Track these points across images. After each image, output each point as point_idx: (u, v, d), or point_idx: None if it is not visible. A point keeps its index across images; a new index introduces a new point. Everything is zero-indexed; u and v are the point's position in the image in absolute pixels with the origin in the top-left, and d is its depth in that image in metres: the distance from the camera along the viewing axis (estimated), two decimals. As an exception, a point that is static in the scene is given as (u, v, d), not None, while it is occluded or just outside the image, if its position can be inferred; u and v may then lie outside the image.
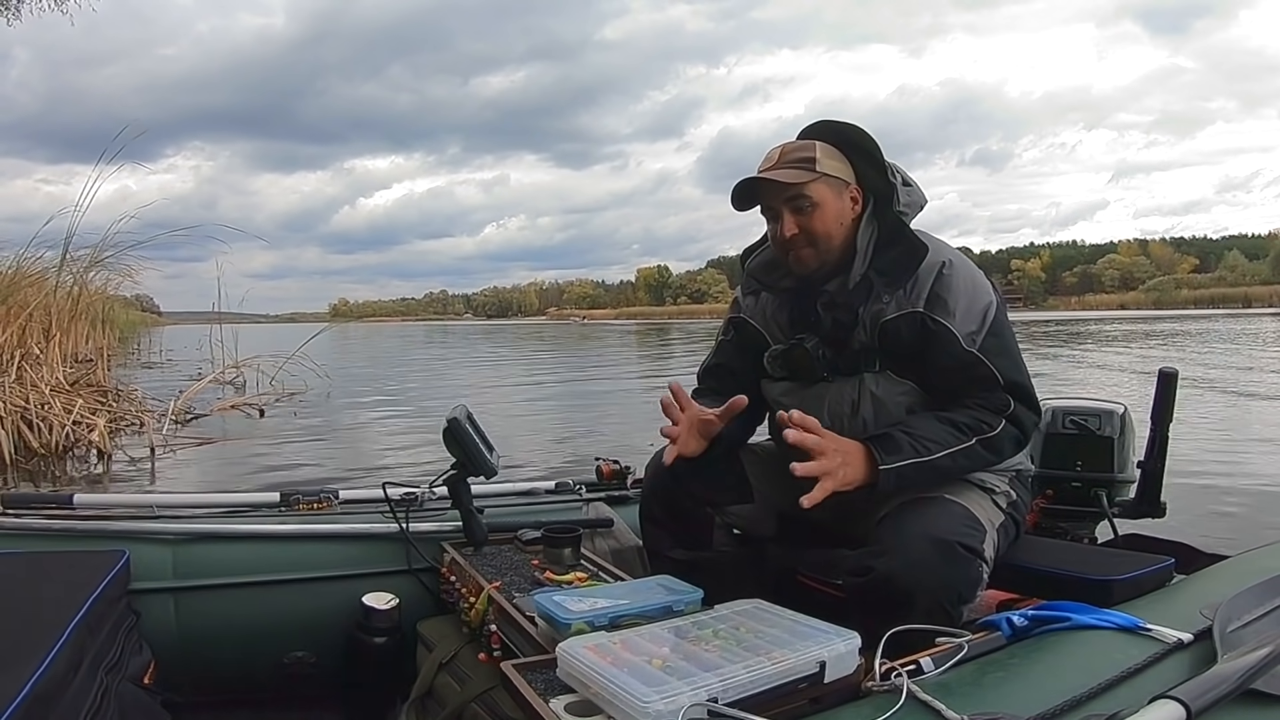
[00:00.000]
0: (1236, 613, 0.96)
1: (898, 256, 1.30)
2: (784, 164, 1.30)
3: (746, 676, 0.83)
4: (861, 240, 1.32)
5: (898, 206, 1.31)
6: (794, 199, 1.29)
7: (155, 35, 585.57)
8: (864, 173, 1.33)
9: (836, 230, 1.31)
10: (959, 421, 1.24)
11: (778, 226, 1.32)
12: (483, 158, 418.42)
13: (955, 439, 1.23)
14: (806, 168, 1.29)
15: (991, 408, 1.25)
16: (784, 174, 1.29)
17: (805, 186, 1.28)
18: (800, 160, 1.30)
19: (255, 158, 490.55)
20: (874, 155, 1.32)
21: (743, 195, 1.33)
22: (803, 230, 1.29)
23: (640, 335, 35.88)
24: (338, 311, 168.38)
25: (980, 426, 1.24)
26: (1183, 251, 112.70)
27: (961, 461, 1.23)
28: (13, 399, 5.35)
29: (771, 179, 1.29)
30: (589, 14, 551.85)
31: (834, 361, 1.34)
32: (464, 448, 1.50)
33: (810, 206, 1.29)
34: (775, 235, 1.34)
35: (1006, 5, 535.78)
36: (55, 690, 0.97)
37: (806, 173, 1.29)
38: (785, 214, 1.30)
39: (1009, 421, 1.25)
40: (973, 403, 1.26)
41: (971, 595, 1.15)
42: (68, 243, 7.33)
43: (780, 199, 1.30)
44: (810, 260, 1.32)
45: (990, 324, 1.27)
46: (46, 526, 1.46)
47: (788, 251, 1.32)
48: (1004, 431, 1.25)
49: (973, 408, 1.26)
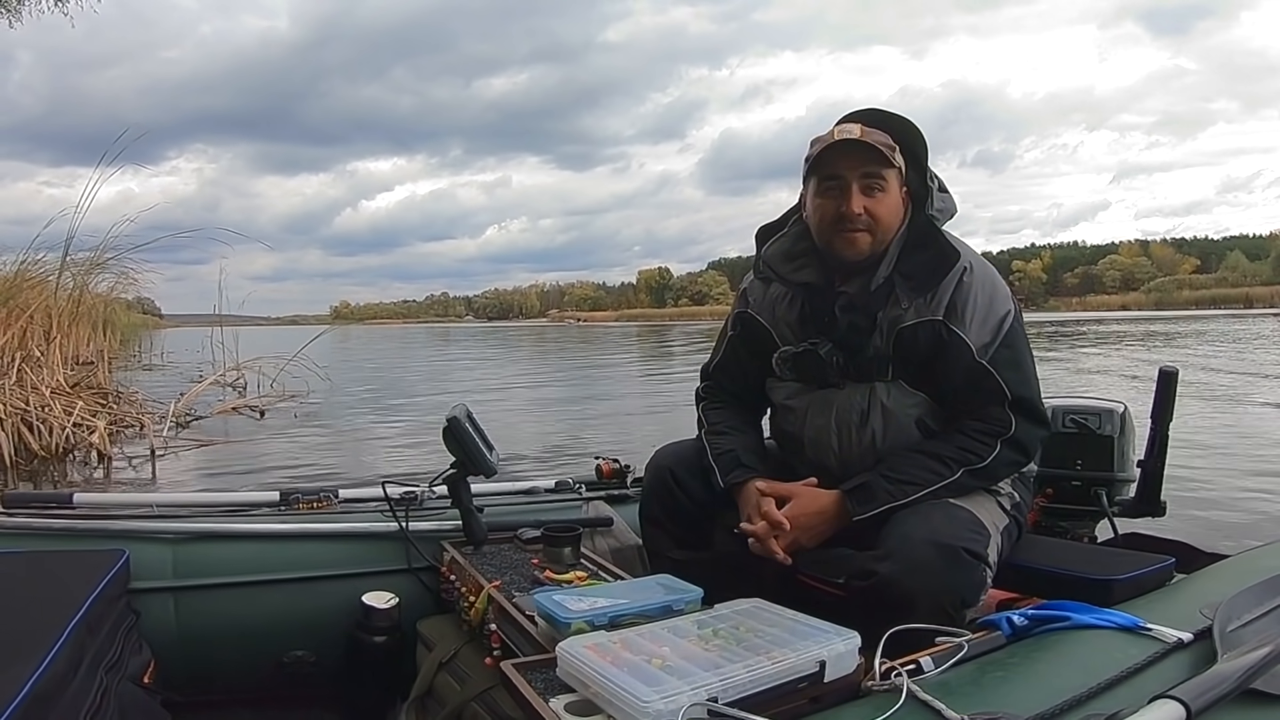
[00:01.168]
0: (1236, 612, 0.96)
1: (927, 261, 1.26)
2: (866, 140, 1.24)
3: (746, 676, 0.83)
4: (894, 241, 1.28)
5: (931, 210, 1.29)
6: (870, 176, 1.24)
7: (158, 38, 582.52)
8: (906, 173, 1.29)
9: (894, 223, 1.27)
10: (944, 455, 1.23)
11: (839, 202, 1.25)
12: (485, 160, 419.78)
13: (938, 476, 1.22)
14: (887, 152, 1.24)
15: (989, 430, 1.24)
16: (877, 140, 1.23)
17: (885, 169, 1.25)
18: (882, 143, 1.24)
19: (258, 160, 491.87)
20: (919, 156, 1.29)
21: (819, 161, 1.26)
22: (868, 212, 1.24)
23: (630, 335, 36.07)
24: (339, 314, 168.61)
25: (967, 458, 1.23)
26: (1184, 252, 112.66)
27: (945, 495, 1.22)
28: (13, 401, 5.35)
29: (867, 143, 1.22)
30: (592, 16, 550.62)
31: (846, 368, 1.31)
32: (464, 447, 1.50)
33: (881, 190, 1.25)
34: (832, 211, 1.26)
35: (1009, 7, 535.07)
36: (55, 689, 0.96)
37: (888, 156, 1.25)
38: (855, 190, 1.24)
39: (1006, 445, 1.24)
40: (969, 426, 1.25)
41: (975, 599, 1.14)
42: (68, 245, 7.35)
43: (857, 172, 1.24)
44: (864, 246, 1.26)
45: (1004, 335, 1.25)
46: (46, 526, 1.46)
47: (840, 231, 1.26)
48: (996, 459, 1.23)
49: (967, 433, 1.25)
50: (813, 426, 1.35)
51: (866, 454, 1.31)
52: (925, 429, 1.30)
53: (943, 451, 1.24)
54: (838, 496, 1.25)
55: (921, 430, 1.30)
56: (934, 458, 1.23)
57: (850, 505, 1.23)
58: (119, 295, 9.94)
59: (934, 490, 1.21)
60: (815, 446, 1.36)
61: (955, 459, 1.23)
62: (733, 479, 1.34)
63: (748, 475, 1.34)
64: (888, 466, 1.25)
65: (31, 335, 6.61)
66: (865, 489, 1.23)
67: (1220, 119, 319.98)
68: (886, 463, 1.26)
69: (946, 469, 1.22)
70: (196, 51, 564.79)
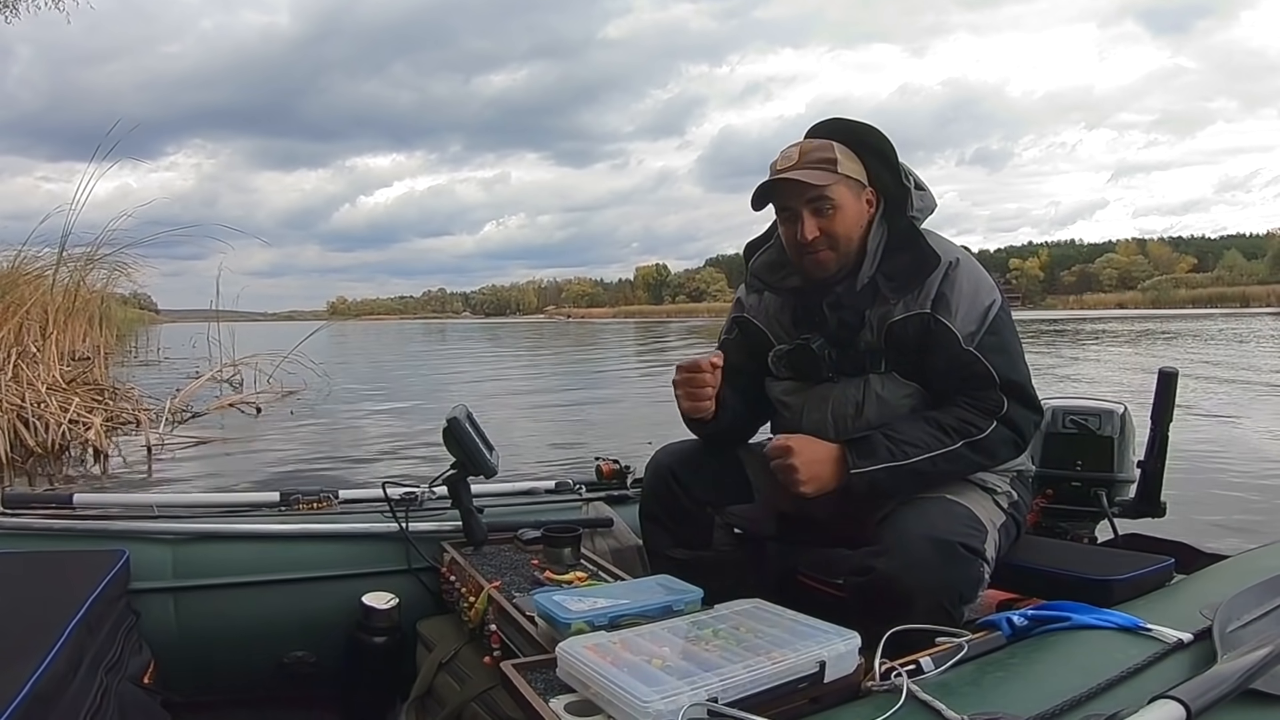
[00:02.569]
0: (1236, 613, 0.96)
1: (907, 263, 1.29)
2: (805, 164, 1.27)
3: (746, 676, 0.83)
4: (871, 243, 1.31)
5: (910, 211, 1.30)
6: (816, 200, 1.27)
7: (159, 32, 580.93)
8: (876, 174, 1.31)
9: (855, 233, 1.30)
10: (945, 424, 1.24)
11: (796, 229, 1.29)
12: (484, 156, 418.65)
13: (938, 442, 1.23)
14: (828, 169, 1.27)
15: (983, 408, 1.25)
16: (808, 174, 1.26)
17: (828, 188, 1.27)
18: (821, 161, 1.27)
19: (256, 155, 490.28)
20: (888, 157, 1.31)
21: (764, 196, 1.30)
22: (824, 233, 1.28)
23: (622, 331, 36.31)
24: (335, 309, 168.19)
25: (967, 429, 1.24)
26: (1181, 251, 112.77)
27: (944, 466, 1.23)
28: (9, 397, 5.33)
29: (796, 179, 1.26)
30: (593, 12, 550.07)
31: (839, 362, 1.33)
32: (464, 447, 1.50)
33: (831, 209, 1.27)
34: (792, 238, 1.31)
35: (1009, 5, 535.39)
36: (55, 690, 0.96)
37: (829, 174, 1.27)
38: (805, 216, 1.27)
39: (1001, 423, 1.25)
40: (964, 402, 1.26)
41: (973, 595, 1.15)
42: (64, 240, 7.33)
43: (801, 200, 1.27)
44: (830, 263, 1.30)
45: (990, 323, 1.26)
46: (46, 526, 1.46)
47: (805, 254, 1.30)
48: (995, 434, 1.25)
49: (963, 408, 1.26)
50: (810, 420, 1.37)
51: None
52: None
53: (944, 420, 1.25)
54: (839, 446, 1.26)
55: None
56: (935, 425, 1.25)
57: (851, 457, 1.23)
58: (115, 290, 9.93)
59: (933, 457, 1.22)
60: None
61: (955, 429, 1.24)
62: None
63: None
64: (889, 428, 1.26)
65: (27, 331, 6.59)
66: (867, 442, 1.24)
67: (1219, 118, 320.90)
68: (888, 425, 1.27)
69: (947, 437, 1.24)
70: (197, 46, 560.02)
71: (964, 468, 1.25)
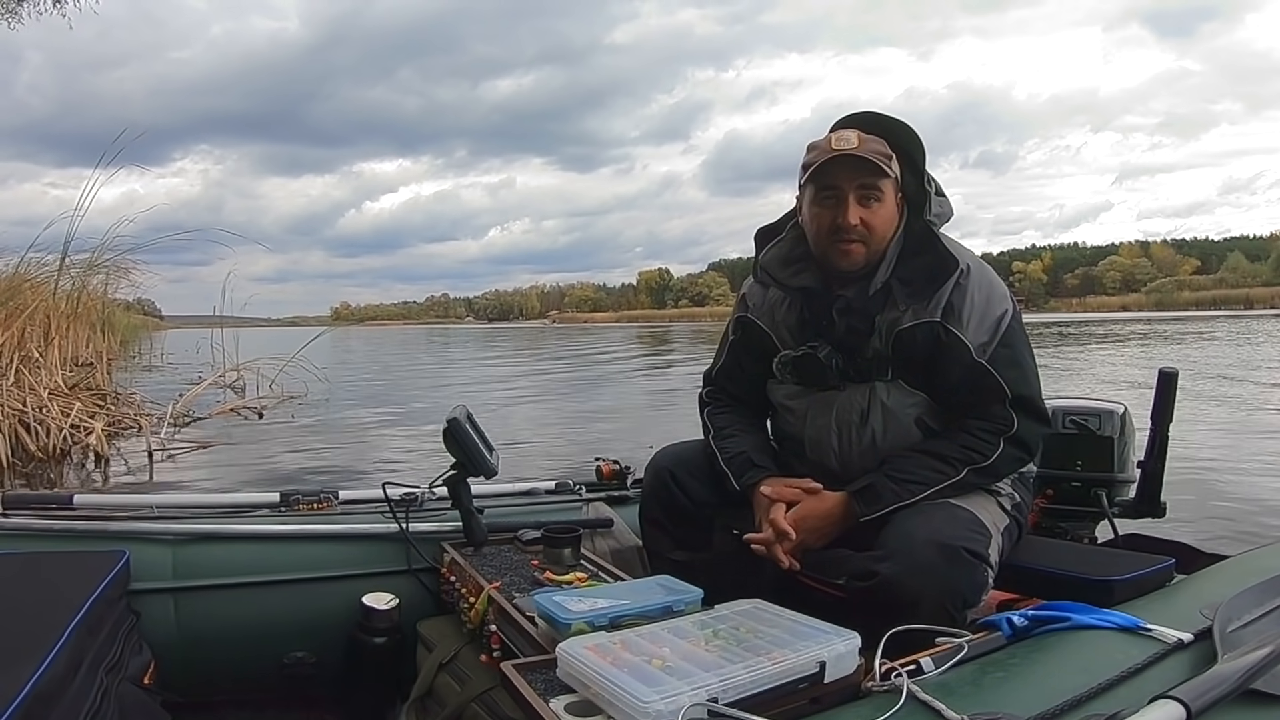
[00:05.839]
0: (1236, 613, 0.96)
1: (924, 267, 1.26)
2: (863, 151, 1.23)
3: (746, 676, 0.83)
4: (891, 247, 1.28)
5: (929, 215, 1.28)
6: (866, 188, 1.24)
7: (168, 38, 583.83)
8: (903, 176, 1.29)
9: (888, 232, 1.27)
10: (948, 455, 1.24)
11: (836, 212, 1.24)
12: (489, 161, 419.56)
13: (942, 475, 1.22)
14: (884, 162, 1.24)
15: (991, 429, 1.24)
16: (874, 156, 1.22)
17: (880, 180, 1.24)
18: (878, 153, 1.24)
19: (263, 161, 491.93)
20: (916, 160, 1.28)
21: (819, 173, 1.25)
22: (864, 222, 1.24)
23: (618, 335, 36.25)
24: (339, 315, 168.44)
25: (971, 456, 1.23)
26: (1184, 253, 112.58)
27: (950, 494, 1.23)
28: (10, 402, 5.34)
29: (863, 156, 1.22)
30: (599, 17, 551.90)
31: (846, 369, 1.31)
32: (464, 448, 1.50)
33: (877, 201, 1.24)
34: (829, 222, 1.26)
35: (1015, 9, 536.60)
36: (55, 690, 0.96)
37: (884, 167, 1.24)
38: (851, 201, 1.24)
39: (1009, 443, 1.24)
40: (973, 425, 1.25)
41: (976, 599, 1.15)
42: (67, 246, 7.33)
43: (853, 184, 1.24)
44: (859, 257, 1.26)
45: (1003, 334, 1.25)
46: (46, 527, 1.46)
47: (836, 241, 1.26)
48: (1001, 457, 1.24)
49: (970, 431, 1.25)
50: (813, 427, 1.36)
51: (867, 454, 1.31)
52: (925, 428, 1.30)
53: (947, 451, 1.24)
54: (844, 498, 1.26)
55: (921, 429, 1.30)
56: (938, 457, 1.24)
57: (857, 506, 1.24)
58: (118, 296, 9.94)
59: (939, 489, 1.22)
60: (816, 447, 1.36)
61: (959, 458, 1.23)
62: (748, 480, 1.35)
63: (762, 475, 1.35)
64: (892, 467, 1.25)
65: (30, 336, 6.60)
66: (871, 490, 1.24)
67: (1223, 120, 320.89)
68: (891, 463, 1.26)
69: (951, 468, 1.23)
70: (207, 52, 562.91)
71: (969, 491, 1.24)
